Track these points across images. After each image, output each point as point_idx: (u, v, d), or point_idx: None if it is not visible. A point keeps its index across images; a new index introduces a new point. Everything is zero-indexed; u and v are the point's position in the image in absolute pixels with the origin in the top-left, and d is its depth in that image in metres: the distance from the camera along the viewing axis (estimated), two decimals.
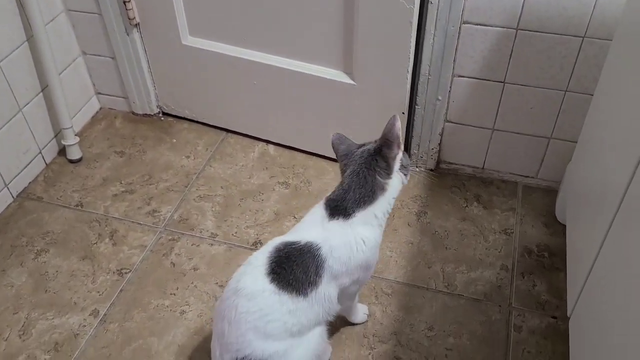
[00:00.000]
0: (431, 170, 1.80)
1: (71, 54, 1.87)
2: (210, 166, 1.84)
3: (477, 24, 1.47)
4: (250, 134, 1.92)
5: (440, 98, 1.62)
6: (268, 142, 1.90)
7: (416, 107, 1.66)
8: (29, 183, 1.78)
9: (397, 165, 1.16)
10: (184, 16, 1.74)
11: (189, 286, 1.51)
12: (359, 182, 1.14)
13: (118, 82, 1.94)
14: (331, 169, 1.82)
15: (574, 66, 1.47)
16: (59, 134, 1.85)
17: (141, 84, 1.92)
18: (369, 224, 1.15)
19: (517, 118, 1.61)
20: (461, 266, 1.55)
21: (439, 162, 1.79)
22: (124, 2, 1.71)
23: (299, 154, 1.87)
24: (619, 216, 1.03)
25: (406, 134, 1.71)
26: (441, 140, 1.73)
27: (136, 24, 1.78)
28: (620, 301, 0.97)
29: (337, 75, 1.66)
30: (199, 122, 1.97)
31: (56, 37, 1.77)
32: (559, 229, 1.63)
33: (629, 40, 1.19)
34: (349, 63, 1.63)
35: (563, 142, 1.62)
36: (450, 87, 1.60)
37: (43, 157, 1.82)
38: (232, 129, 1.94)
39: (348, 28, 1.56)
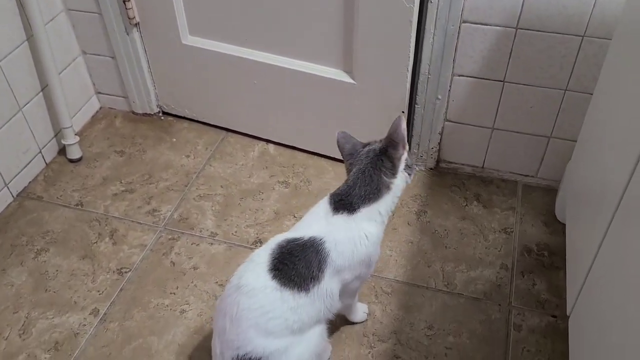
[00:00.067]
0: (431, 169, 1.80)
1: (71, 53, 1.87)
2: (210, 165, 1.84)
3: (477, 23, 1.47)
4: (250, 133, 1.92)
5: (440, 97, 1.62)
6: (268, 141, 1.91)
7: (416, 106, 1.66)
8: (29, 182, 1.78)
9: (402, 165, 1.18)
10: (183, 16, 1.74)
11: (188, 285, 1.51)
12: (364, 180, 1.15)
13: (118, 81, 1.95)
14: (331, 168, 1.82)
15: (574, 65, 1.47)
16: (59, 133, 1.85)
17: (141, 83, 1.92)
18: (373, 220, 1.17)
19: (516, 117, 1.61)
20: (461, 265, 1.55)
21: (438, 161, 1.79)
22: (124, 2, 1.71)
23: (299, 153, 1.87)
24: (618, 215, 1.03)
25: (406, 134, 1.71)
26: (441, 140, 1.73)
27: (136, 24, 1.78)
28: (619, 300, 0.97)
29: (337, 75, 1.66)
30: (199, 121, 1.97)
31: (56, 36, 1.77)
32: (558, 228, 1.63)
33: (628, 39, 1.19)
34: (349, 62, 1.63)
35: (563, 141, 1.62)
36: (450, 86, 1.60)
37: (43, 156, 1.82)
38: (232, 128, 1.94)
39: (348, 27, 1.56)
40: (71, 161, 1.85)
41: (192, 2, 1.71)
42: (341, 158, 1.80)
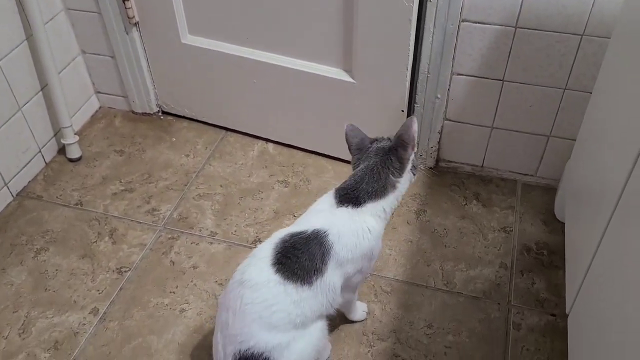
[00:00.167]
0: (430, 168, 1.80)
1: (70, 53, 1.87)
2: (210, 165, 1.84)
3: (476, 22, 1.47)
4: (250, 132, 1.92)
5: (439, 96, 1.62)
6: (267, 140, 1.91)
7: (415, 105, 1.66)
8: (28, 182, 1.78)
9: (409, 165, 1.20)
10: (183, 15, 1.74)
11: (188, 284, 1.51)
12: (372, 177, 1.17)
13: (117, 81, 1.95)
14: (330, 167, 1.82)
15: (573, 64, 1.47)
16: (58, 132, 1.85)
17: (140, 82, 1.92)
18: (377, 216, 1.19)
19: (516, 116, 1.61)
20: (460, 264, 1.56)
21: (438, 161, 1.79)
22: (123, 1, 1.71)
23: (298, 152, 1.87)
24: (616, 214, 1.03)
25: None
26: (440, 139, 1.73)
27: (135, 23, 1.78)
28: (618, 298, 0.97)
29: (336, 74, 1.66)
30: (198, 120, 1.97)
31: (55, 36, 1.77)
32: (557, 227, 1.63)
33: (627, 38, 1.19)
34: (349, 61, 1.63)
35: (562, 140, 1.62)
36: (449, 85, 1.60)
37: (43, 156, 1.82)
38: (232, 128, 1.94)
39: (348, 26, 1.56)
40: (71, 160, 1.85)
41: (191, 2, 1.71)
42: (341, 157, 1.82)
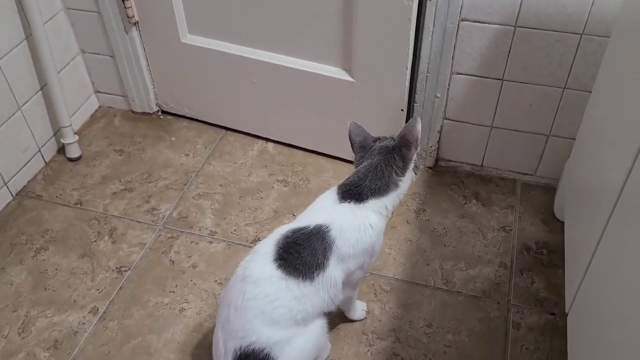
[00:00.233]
0: (430, 167, 1.80)
1: (70, 52, 1.87)
2: (210, 164, 1.84)
3: (476, 22, 1.47)
4: (250, 132, 1.92)
5: (438, 95, 1.62)
6: (267, 140, 1.91)
7: (415, 104, 1.66)
8: (28, 181, 1.78)
9: (412, 165, 1.21)
10: (182, 14, 1.74)
11: (188, 284, 1.51)
12: (376, 175, 1.18)
13: (117, 80, 1.95)
14: (330, 166, 1.82)
15: (573, 63, 1.47)
16: (58, 132, 1.85)
17: (140, 82, 1.92)
18: (378, 212, 1.20)
19: (515, 115, 1.61)
20: (460, 263, 1.56)
21: (437, 160, 1.79)
22: (123, 1, 1.71)
23: (298, 151, 1.87)
24: (616, 213, 1.03)
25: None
26: (440, 138, 1.73)
27: (135, 23, 1.78)
28: (617, 297, 0.97)
29: (336, 73, 1.67)
30: (198, 120, 1.97)
31: (55, 35, 1.77)
32: (557, 226, 1.63)
33: (626, 38, 1.19)
34: (348, 60, 1.63)
35: (562, 140, 1.62)
36: (449, 85, 1.60)
37: (42, 155, 1.82)
38: (232, 127, 1.94)
39: (347, 25, 1.56)
40: (70, 160, 1.85)
41: (191, 1, 1.70)
42: (340, 157, 1.82)
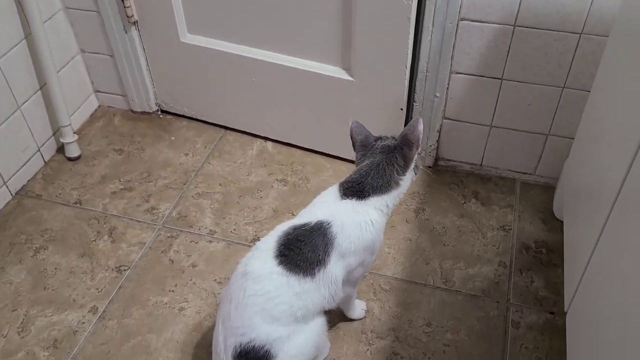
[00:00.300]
0: (429, 167, 1.80)
1: (69, 51, 1.87)
2: (209, 163, 1.84)
3: (475, 21, 1.47)
4: (249, 131, 1.92)
5: (438, 95, 1.62)
6: (266, 139, 1.91)
7: (414, 104, 1.66)
8: (27, 181, 1.78)
9: (412, 164, 1.22)
10: (182, 14, 1.74)
11: (187, 283, 1.52)
12: (378, 173, 1.19)
13: (116, 80, 1.95)
14: (329, 165, 1.82)
15: (572, 63, 1.47)
16: (57, 131, 1.85)
17: (140, 81, 1.92)
18: (379, 210, 1.20)
19: (514, 115, 1.62)
20: (459, 262, 1.56)
21: (437, 159, 1.79)
22: (122, 0, 1.71)
23: (297, 151, 1.87)
24: (614, 212, 1.03)
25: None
26: (439, 137, 1.73)
27: (134, 22, 1.78)
28: (616, 296, 0.97)
29: (335, 72, 1.67)
30: (197, 119, 1.97)
31: (54, 35, 1.77)
32: (556, 225, 1.64)
33: (625, 37, 1.19)
34: (348, 59, 1.63)
35: (561, 139, 1.62)
36: (448, 84, 1.60)
37: (42, 154, 1.82)
38: (231, 127, 1.94)
39: (346, 24, 1.56)
40: (70, 159, 1.85)
41: (190, 0, 1.70)
42: (339, 156, 1.82)
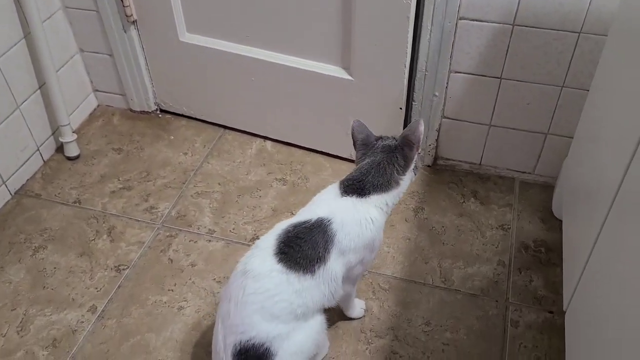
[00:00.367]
0: (428, 166, 1.80)
1: (68, 51, 1.87)
2: (208, 163, 1.84)
3: (474, 20, 1.47)
4: (248, 130, 1.92)
5: (437, 94, 1.62)
6: (266, 138, 1.91)
7: (413, 103, 1.66)
8: (26, 180, 1.78)
9: (412, 165, 1.23)
10: (181, 13, 1.74)
11: (186, 282, 1.52)
12: (379, 172, 1.19)
13: (116, 79, 1.95)
14: (328, 165, 1.82)
15: (570, 62, 1.47)
16: (56, 131, 1.85)
17: (139, 81, 1.92)
18: (379, 208, 1.21)
19: (513, 114, 1.62)
20: (458, 262, 1.56)
21: (436, 158, 1.79)
22: None
23: (296, 150, 1.87)
24: (613, 211, 1.03)
25: (403, 129, 1.71)
26: (438, 136, 1.73)
27: (133, 21, 1.78)
28: (615, 295, 0.97)
29: (334, 71, 1.67)
30: (196, 119, 1.97)
31: (53, 34, 1.77)
32: (555, 225, 1.64)
33: (623, 36, 1.19)
34: (347, 59, 1.63)
35: (560, 138, 1.63)
36: (447, 83, 1.61)
37: (41, 154, 1.82)
38: (230, 126, 1.94)
39: (346, 24, 1.56)
40: (69, 159, 1.85)
41: (189, 0, 1.70)
42: (339, 155, 1.82)
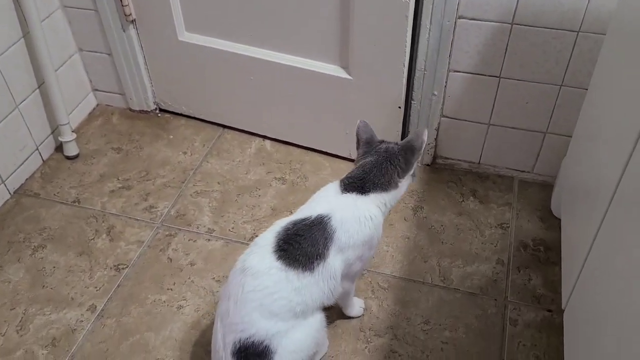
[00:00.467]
0: (427, 165, 1.80)
1: (67, 50, 1.87)
2: (207, 162, 1.84)
3: (472, 19, 1.47)
4: (247, 129, 1.92)
5: (436, 93, 1.62)
6: (265, 137, 1.91)
7: (412, 102, 1.66)
8: (26, 179, 1.78)
9: (412, 170, 1.24)
10: (180, 12, 1.74)
11: (185, 281, 1.52)
12: (380, 171, 1.21)
13: (115, 78, 1.95)
14: (328, 164, 1.82)
15: (569, 61, 1.47)
16: (55, 130, 1.85)
17: (138, 80, 1.92)
18: (378, 207, 1.22)
19: (512, 113, 1.62)
20: (457, 260, 1.56)
21: (435, 157, 1.79)
22: None
23: (295, 149, 1.87)
24: (611, 209, 1.03)
25: (402, 129, 1.72)
26: (437, 135, 1.73)
27: (132, 21, 1.78)
28: (613, 293, 0.97)
29: (333, 70, 1.67)
30: (195, 118, 1.98)
31: (52, 33, 1.77)
32: (554, 223, 1.64)
33: (622, 35, 1.19)
34: (346, 58, 1.63)
35: (558, 137, 1.63)
36: (446, 82, 1.61)
37: (40, 153, 1.82)
38: (229, 125, 1.94)
39: (344, 23, 1.56)
40: (68, 158, 1.85)
41: None
42: (338, 154, 1.83)
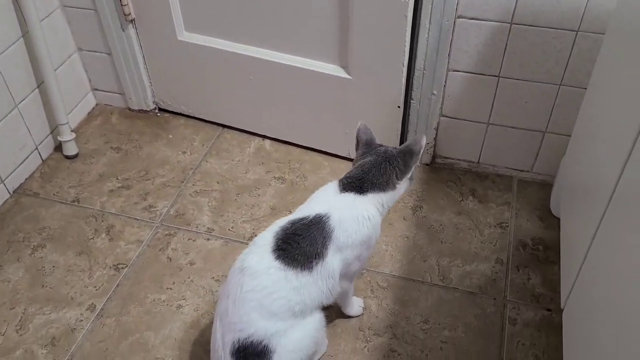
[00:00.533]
0: (427, 164, 1.80)
1: (67, 50, 1.87)
2: (207, 161, 1.84)
3: (472, 19, 1.47)
4: (247, 129, 1.92)
5: (435, 92, 1.63)
6: (264, 137, 1.91)
7: (411, 101, 1.66)
8: (25, 179, 1.78)
9: (410, 173, 1.24)
10: (179, 12, 1.74)
11: (185, 281, 1.52)
12: (379, 171, 1.21)
13: (114, 78, 1.95)
14: (327, 163, 1.82)
15: (568, 60, 1.48)
16: (55, 130, 1.85)
17: (137, 80, 1.92)
18: (375, 207, 1.22)
19: (512, 112, 1.62)
20: (456, 260, 1.56)
21: (434, 157, 1.80)
22: None
23: (294, 148, 1.87)
24: (610, 209, 1.04)
25: (402, 128, 1.72)
26: (437, 135, 1.73)
27: (132, 20, 1.78)
28: (612, 292, 0.98)
29: (333, 70, 1.67)
30: (195, 117, 1.98)
31: (52, 33, 1.77)
32: (553, 223, 1.64)
33: (621, 34, 1.19)
34: (345, 57, 1.63)
35: (558, 136, 1.63)
36: (445, 82, 1.61)
37: (39, 153, 1.82)
38: (229, 125, 1.94)
39: (344, 22, 1.56)
40: (67, 158, 1.85)
41: None
42: (337, 154, 1.83)
